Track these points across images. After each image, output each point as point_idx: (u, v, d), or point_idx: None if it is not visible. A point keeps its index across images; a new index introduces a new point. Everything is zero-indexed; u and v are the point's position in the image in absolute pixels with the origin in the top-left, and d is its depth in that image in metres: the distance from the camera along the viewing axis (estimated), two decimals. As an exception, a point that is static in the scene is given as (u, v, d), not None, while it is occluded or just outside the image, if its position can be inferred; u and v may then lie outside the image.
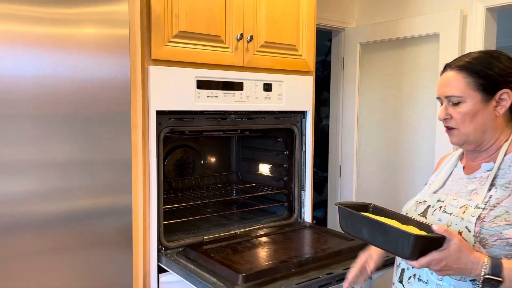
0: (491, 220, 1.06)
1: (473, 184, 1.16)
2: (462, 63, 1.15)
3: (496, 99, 1.11)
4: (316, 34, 2.09)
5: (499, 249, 1.04)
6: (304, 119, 2.08)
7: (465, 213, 1.10)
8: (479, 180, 1.16)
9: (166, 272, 1.64)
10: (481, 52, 1.17)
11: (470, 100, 1.12)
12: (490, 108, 1.12)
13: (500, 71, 1.11)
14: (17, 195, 1.28)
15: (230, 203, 2.28)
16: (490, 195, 1.10)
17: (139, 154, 1.57)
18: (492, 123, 1.13)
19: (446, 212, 1.15)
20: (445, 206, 1.16)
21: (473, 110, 1.12)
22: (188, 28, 1.67)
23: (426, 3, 2.77)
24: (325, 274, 1.44)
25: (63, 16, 1.32)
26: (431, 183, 1.29)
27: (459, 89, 1.13)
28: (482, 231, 1.06)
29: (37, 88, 1.29)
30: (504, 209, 1.07)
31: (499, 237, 1.04)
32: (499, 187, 1.10)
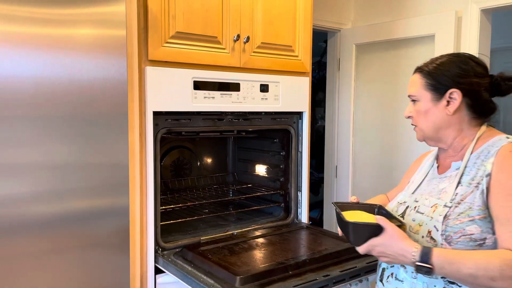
0: (455, 217, 1.10)
1: (443, 183, 1.21)
2: (422, 65, 1.25)
3: (446, 98, 1.18)
4: (312, 34, 2.09)
5: (464, 245, 1.07)
6: (301, 120, 2.08)
7: (434, 212, 1.15)
8: (449, 179, 1.20)
9: (163, 273, 1.63)
10: (446, 56, 1.23)
11: (423, 99, 1.21)
12: (441, 107, 1.19)
13: (451, 72, 1.18)
14: (14, 196, 1.28)
15: (226, 204, 2.27)
16: (456, 192, 1.14)
17: (136, 155, 1.56)
18: (445, 121, 1.20)
19: (419, 212, 1.20)
20: (419, 206, 1.21)
21: (425, 108, 1.21)
22: (185, 29, 1.66)
23: (421, 4, 2.79)
24: (322, 276, 1.44)
25: (60, 17, 1.31)
26: (411, 183, 1.34)
27: (415, 89, 1.23)
28: (447, 229, 1.10)
29: (34, 89, 1.28)
30: (467, 205, 1.11)
31: (463, 233, 1.08)
32: (464, 184, 1.14)
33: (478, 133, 1.19)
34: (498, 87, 1.19)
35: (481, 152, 1.16)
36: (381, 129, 3.04)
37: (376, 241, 1.10)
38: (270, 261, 1.57)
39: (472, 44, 2.53)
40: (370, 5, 3.13)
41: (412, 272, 1.16)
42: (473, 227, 1.07)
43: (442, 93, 1.18)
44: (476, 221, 1.08)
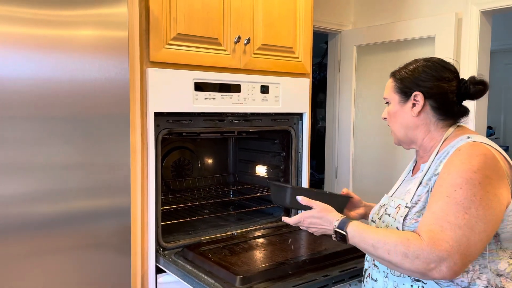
0: (412, 217, 1.15)
1: (410, 184, 1.25)
2: (396, 70, 1.30)
3: (412, 101, 1.23)
4: (312, 36, 2.10)
5: None
6: (301, 121, 2.09)
7: (397, 214, 1.20)
8: (415, 180, 1.24)
9: (164, 273, 1.64)
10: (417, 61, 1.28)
11: (392, 102, 1.29)
12: (407, 109, 1.25)
13: (416, 76, 1.23)
14: (16, 197, 1.29)
15: (227, 204, 2.29)
16: (415, 192, 1.19)
17: (137, 156, 1.58)
18: (412, 123, 1.25)
19: (387, 213, 1.25)
20: (387, 208, 1.27)
21: (394, 110, 1.28)
22: (186, 31, 1.68)
23: (421, 6, 2.80)
24: (322, 276, 1.45)
25: (63, 18, 1.33)
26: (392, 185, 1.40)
27: (387, 92, 1.31)
28: (404, 228, 1.15)
29: (36, 89, 1.29)
30: (422, 204, 1.15)
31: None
32: (423, 184, 1.19)
33: (445, 134, 1.22)
34: (467, 90, 1.22)
35: (442, 153, 1.18)
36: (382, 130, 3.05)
37: (308, 213, 1.25)
38: (270, 261, 1.58)
39: (472, 45, 2.54)
40: (371, 7, 3.14)
41: (383, 271, 1.22)
42: None
43: (408, 96, 1.24)
44: None
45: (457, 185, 1.05)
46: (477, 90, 1.22)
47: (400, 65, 1.31)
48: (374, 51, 3.09)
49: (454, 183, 1.06)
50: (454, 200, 1.04)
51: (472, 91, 1.22)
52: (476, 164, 1.06)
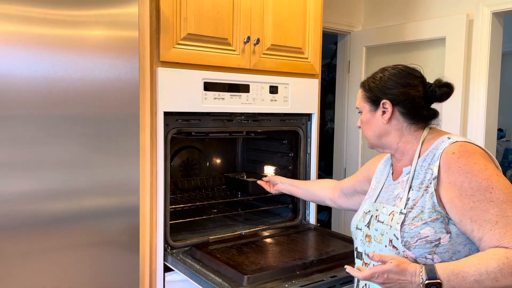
0: (410, 222, 1.14)
1: (397, 189, 1.25)
2: (366, 80, 1.33)
3: (381, 108, 1.26)
4: (322, 37, 2.10)
5: (422, 249, 1.10)
6: (310, 121, 2.09)
7: (392, 221, 1.18)
8: (401, 184, 1.24)
9: (172, 271, 1.65)
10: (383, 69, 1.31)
11: (364, 110, 1.32)
12: (378, 117, 1.27)
13: (381, 83, 1.27)
14: (26, 195, 1.31)
15: (235, 204, 2.29)
16: (408, 197, 1.18)
17: (147, 155, 1.59)
18: (384, 129, 1.27)
19: (379, 221, 1.23)
20: (379, 215, 1.25)
21: (366, 118, 1.31)
22: (196, 31, 1.69)
23: (432, 7, 2.78)
24: (329, 277, 1.44)
25: (74, 18, 1.34)
26: (371, 190, 1.39)
27: (358, 102, 1.34)
28: (404, 234, 1.13)
29: (47, 88, 1.31)
30: (419, 209, 1.14)
31: (418, 237, 1.11)
32: (414, 189, 1.19)
33: (422, 137, 1.25)
34: (433, 93, 1.25)
35: (426, 155, 1.21)
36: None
37: (382, 268, 1.07)
38: (277, 261, 1.58)
39: (483, 47, 2.52)
40: (381, 8, 3.13)
41: None
42: (427, 230, 1.11)
43: (377, 104, 1.27)
44: (429, 223, 1.12)
45: (488, 187, 1.07)
46: (442, 93, 1.26)
47: (369, 75, 1.34)
48: (384, 52, 3.07)
49: (483, 187, 1.07)
50: (499, 200, 1.05)
51: (438, 94, 1.25)
52: (480, 162, 1.10)
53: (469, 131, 2.60)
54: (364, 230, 1.28)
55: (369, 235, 1.25)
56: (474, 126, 2.58)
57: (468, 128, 2.60)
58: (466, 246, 1.11)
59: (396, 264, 1.06)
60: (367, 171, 1.51)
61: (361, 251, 1.30)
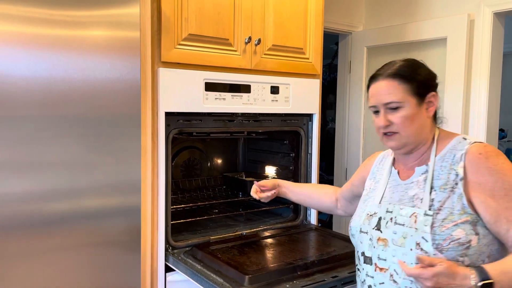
0: (440, 224, 1.11)
1: (412, 190, 1.20)
2: (393, 71, 1.21)
3: (426, 101, 1.20)
4: (323, 37, 2.10)
5: (454, 251, 1.08)
6: (311, 122, 2.09)
7: (417, 223, 1.13)
8: (416, 184, 1.20)
9: (173, 271, 1.66)
10: (404, 61, 1.24)
11: (408, 105, 1.18)
12: (423, 110, 1.20)
13: (426, 76, 1.22)
14: (27, 195, 1.31)
15: (236, 204, 2.29)
16: (432, 198, 1.15)
17: (148, 155, 1.59)
18: (426, 125, 1.21)
19: (398, 223, 1.17)
20: (395, 217, 1.18)
21: (412, 113, 1.18)
22: (197, 31, 1.69)
23: (433, 7, 2.78)
24: (331, 277, 1.45)
25: (76, 19, 1.34)
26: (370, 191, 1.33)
27: (397, 95, 1.18)
28: (436, 237, 1.09)
29: (49, 89, 1.31)
30: (448, 210, 1.12)
31: (451, 239, 1.09)
32: (438, 189, 1.15)
33: (436, 136, 1.22)
34: None
35: (444, 155, 1.18)
36: (392, 132, 3.03)
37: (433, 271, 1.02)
38: (278, 261, 1.58)
39: (484, 47, 2.52)
40: (382, 8, 3.13)
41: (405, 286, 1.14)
42: (458, 231, 1.09)
43: (423, 97, 1.20)
44: (459, 225, 1.09)
45: None
46: None
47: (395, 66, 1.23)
48: (385, 52, 3.07)
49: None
50: None
51: None
52: (507, 162, 1.12)
53: (471, 131, 2.59)
54: (374, 234, 1.21)
55: (383, 238, 1.19)
56: (476, 126, 2.57)
57: (470, 128, 2.60)
58: (489, 247, 1.11)
59: (447, 266, 1.02)
60: (361, 174, 1.46)
61: (370, 255, 1.23)
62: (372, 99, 1.24)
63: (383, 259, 1.19)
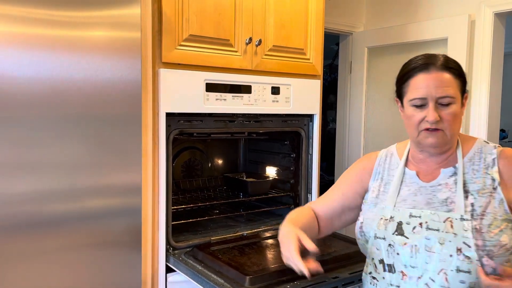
0: (487, 230, 1.06)
1: (442, 193, 1.14)
2: (446, 63, 1.12)
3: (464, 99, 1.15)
4: (324, 37, 2.10)
5: (502, 257, 1.05)
6: (311, 122, 2.09)
7: (453, 228, 1.07)
8: (446, 187, 1.14)
9: (174, 272, 1.66)
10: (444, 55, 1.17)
11: (457, 101, 1.12)
12: (463, 109, 1.15)
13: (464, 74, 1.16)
14: (28, 195, 1.31)
15: (237, 205, 2.29)
16: (471, 203, 1.10)
17: (149, 156, 1.59)
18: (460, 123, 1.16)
19: (431, 228, 1.10)
20: (426, 222, 1.11)
21: (458, 111, 1.12)
22: (198, 32, 1.69)
23: (434, 8, 2.78)
24: (331, 278, 1.44)
25: (77, 19, 1.35)
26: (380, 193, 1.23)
27: (453, 90, 1.10)
28: (486, 243, 1.05)
29: (50, 89, 1.32)
30: (491, 216, 1.08)
31: (500, 245, 1.05)
32: (476, 194, 1.11)
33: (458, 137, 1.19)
34: None
35: (472, 157, 1.15)
36: (392, 133, 3.03)
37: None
38: (279, 262, 1.57)
39: (485, 47, 2.52)
40: (383, 8, 3.13)
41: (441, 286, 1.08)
42: (504, 237, 1.05)
43: (463, 95, 1.15)
44: (504, 230, 1.06)
45: None
46: None
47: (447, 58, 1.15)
48: (386, 53, 3.07)
49: None
50: None
51: None
52: None
53: (471, 132, 2.59)
54: (396, 239, 1.13)
55: (413, 244, 1.11)
56: (476, 127, 2.57)
57: (470, 129, 2.60)
58: None
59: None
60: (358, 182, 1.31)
61: (391, 262, 1.15)
62: (421, 90, 1.10)
63: (412, 266, 1.11)
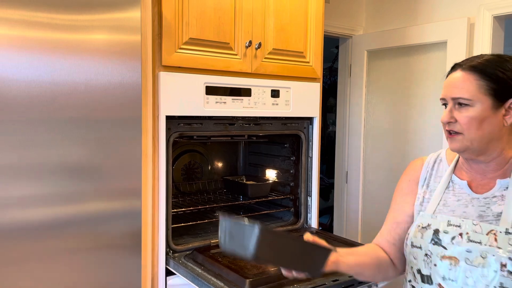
0: None
1: (496, 205, 1.07)
2: (475, 63, 1.07)
3: (506, 107, 1.04)
4: (323, 41, 2.11)
5: None
6: (311, 125, 2.09)
7: (497, 242, 1.01)
8: (501, 199, 1.07)
9: (174, 275, 1.66)
10: (494, 55, 1.10)
11: (479, 105, 1.04)
12: (499, 116, 1.05)
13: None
14: (28, 198, 1.31)
15: (236, 208, 2.29)
16: None
17: (149, 158, 1.59)
18: (499, 133, 1.06)
19: (473, 241, 1.04)
20: (467, 233, 1.06)
21: (482, 115, 1.04)
22: (198, 35, 1.70)
23: (433, 11, 2.79)
24: (331, 281, 1.45)
25: (78, 23, 1.35)
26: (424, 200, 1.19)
27: (469, 91, 1.05)
28: None
29: (50, 92, 1.32)
30: None
31: None
32: None
33: None
34: None
35: None
36: (392, 135, 3.04)
37: None
38: (279, 265, 1.58)
39: (484, 51, 2.52)
40: (382, 12, 3.14)
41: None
42: None
43: (504, 101, 1.04)
44: None
45: None
46: None
47: (481, 59, 1.08)
48: (386, 56, 3.08)
49: None
50: None
51: None
52: None
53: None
54: (434, 250, 1.08)
55: (451, 256, 1.06)
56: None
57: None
58: None
59: None
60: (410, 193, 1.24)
61: (428, 273, 1.10)
62: (443, 90, 1.10)
63: (451, 279, 1.06)
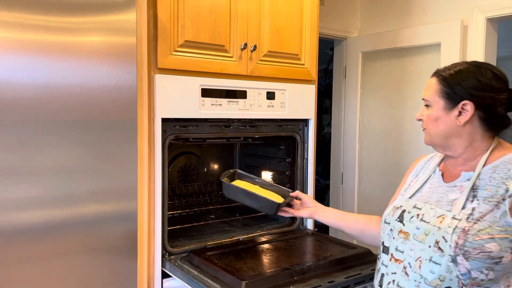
0: (475, 233, 1.08)
1: (454, 193, 1.19)
2: (443, 71, 1.23)
3: (459, 109, 1.17)
4: (318, 43, 2.12)
5: (481, 262, 1.07)
6: (307, 127, 2.10)
7: (442, 223, 1.13)
8: (459, 189, 1.19)
9: (170, 277, 1.65)
10: (466, 63, 1.22)
11: (435, 105, 1.21)
12: (452, 116, 1.18)
13: (468, 83, 1.16)
14: (23, 200, 1.31)
15: (232, 210, 2.29)
16: (473, 207, 1.12)
17: (144, 161, 1.59)
18: (455, 131, 1.19)
19: (424, 220, 1.18)
20: (423, 214, 1.20)
21: (436, 115, 1.21)
22: (193, 38, 1.70)
23: (427, 13, 2.81)
24: (327, 282, 1.45)
25: (73, 25, 1.35)
26: (408, 187, 1.34)
27: (429, 94, 1.23)
28: (466, 243, 1.08)
29: (46, 94, 1.31)
30: (487, 223, 1.09)
31: (482, 250, 1.07)
32: (482, 200, 1.12)
33: (492, 146, 1.19)
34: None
35: (496, 167, 1.15)
36: (387, 136, 3.05)
37: None
38: (275, 266, 1.58)
39: (478, 52, 2.55)
40: (377, 14, 3.16)
41: (414, 280, 1.16)
42: (492, 245, 1.06)
43: (456, 103, 1.17)
44: (496, 239, 1.07)
45: None
46: None
47: (446, 65, 1.24)
48: (380, 57, 3.10)
49: None
50: None
51: None
52: None
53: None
54: (396, 226, 1.24)
55: (405, 231, 1.21)
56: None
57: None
58: None
59: None
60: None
61: (388, 245, 1.26)
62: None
63: (400, 251, 1.22)
